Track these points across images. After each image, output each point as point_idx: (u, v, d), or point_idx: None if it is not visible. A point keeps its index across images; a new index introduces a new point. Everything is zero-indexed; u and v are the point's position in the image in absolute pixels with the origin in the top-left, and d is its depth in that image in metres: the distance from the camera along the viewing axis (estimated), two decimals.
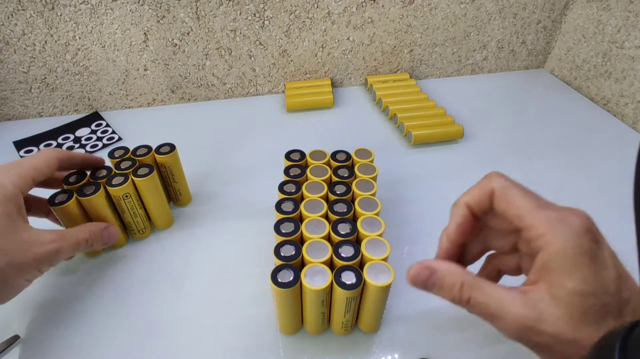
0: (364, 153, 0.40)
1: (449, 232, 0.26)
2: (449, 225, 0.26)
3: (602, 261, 0.21)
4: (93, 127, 0.59)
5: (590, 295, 0.20)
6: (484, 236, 0.27)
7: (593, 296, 0.20)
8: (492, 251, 0.28)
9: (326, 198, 0.36)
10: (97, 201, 0.36)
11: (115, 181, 0.37)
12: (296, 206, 0.34)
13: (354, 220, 0.33)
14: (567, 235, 0.21)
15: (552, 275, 0.21)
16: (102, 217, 0.37)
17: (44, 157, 0.33)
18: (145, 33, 0.56)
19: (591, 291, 0.20)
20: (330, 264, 0.30)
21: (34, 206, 0.37)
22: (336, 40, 0.63)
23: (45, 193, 0.36)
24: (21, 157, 0.53)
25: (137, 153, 0.40)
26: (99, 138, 0.56)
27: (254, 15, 0.58)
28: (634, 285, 0.21)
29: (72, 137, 0.57)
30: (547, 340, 0.20)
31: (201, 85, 0.63)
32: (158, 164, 0.41)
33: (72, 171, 0.38)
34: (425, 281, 0.24)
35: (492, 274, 0.28)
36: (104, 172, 0.38)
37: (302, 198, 0.36)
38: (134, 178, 0.38)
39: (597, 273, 0.20)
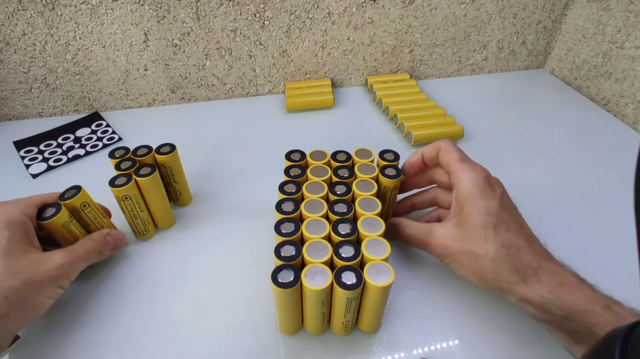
0: (364, 153, 0.40)
1: (404, 165, 0.39)
2: (406, 161, 0.39)
3: (491, 195, 0.32)
4: (93, 127, 0.59)
5: (476, 214, 0.31)
6: (433, 191, 0.39)
7: (479, 215, 0.31)
8: (435, 207, 0.40)
9: (326, 199, 0.36)
10: (56, 222, 0.34)
11: (118, 181, 0.37)
12: (296, 207, 0.34)
13: (354, 220, 0.33)
14: (470, 178, 0.33)
15: (458, 205, 0.33)
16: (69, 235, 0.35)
17: (49, 193, 0.35)
18: (145, 33, 0.56)
19: (478, 211, 0.31)
20: (330, 264, 0.30)
21: (47, 240, 0.36)
22: (336, 41, 0.63)
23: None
24: (21, 157, 0.53)
25: (138, 154, 0.40)
26: (99, 139, 0.56)
27: (254, 15, 0.58)
28: (511, 212, 0.33)
29: (72, 137, 0.57)
30: (451, 252, 0.33)
31: (201, 85, 0.63)
32: (158, 164, 0.41)
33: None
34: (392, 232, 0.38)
35: (433, 220, 0.39)
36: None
37: (303, 199, 0.36)
38: (136, 177, 0.38)
39: (485, 201, 0.31)
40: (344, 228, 0.32)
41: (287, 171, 0.38)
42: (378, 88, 0.65)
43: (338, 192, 0.36)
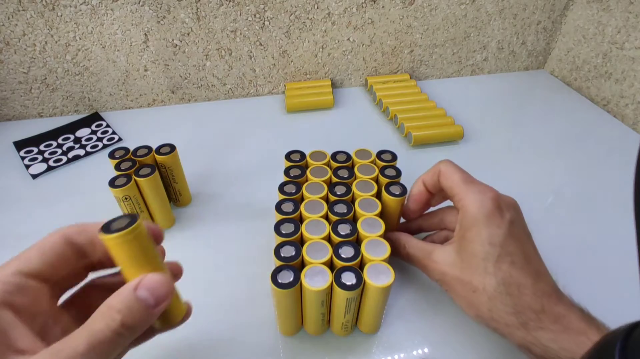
0: (364, 153, 0.40)
1: (409, 201, 0.36)
2: (409, 195, 0.36)
3: (497, 221, 0.28)
4: (93, 127, 0.59)
5: (478, 243, 0.28)
6: (442, 213, 0.36)
7: (480, 245, 0.28)
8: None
9: (326, 199, 0.36)
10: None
11: (118, 182, 0.37)
12: (296, 207, 0.34)
13: (354, 221, 0.33)
14: (476, 201, 0.29)
15: (461, 230, 0.30)
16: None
17: (43, 240, 0.21)
18: (145, 34, 0.56)
19: (480, 241, 0.28)
20: (330, 265, 0.30)
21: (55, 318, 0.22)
22: (336, 41, 0.63)
23: None
24: (22, 157, 0.53)
25: (138, 154, 0.40)
26: (99, 139, 0.56)
27: (254, 16, 0.58)
28: (520, 244, 0.29)
29: (72, 137, 0.57)
30: (447, 279, 0.30)
31: (201, 85, 0.63)
32: (158, 165, 0.41)
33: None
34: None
35: (440, 240, 0.36)
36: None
37: (302, 199, 0.36)
38: (136, 178, 0.38)
39: (489, 229, 0.28)
40: (344, 229, 0.32)
41: (287, 171, 0.38)
42: (378, 89, 0.65)
43: (338, 193, 0.36)
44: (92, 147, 0.55)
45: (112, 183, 0.37)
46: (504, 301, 0.27)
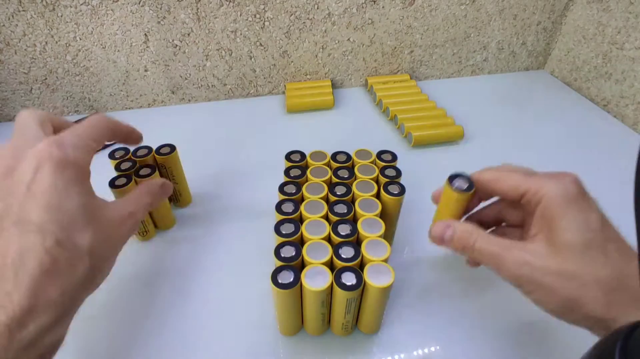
0: (364, 154, 0.40)
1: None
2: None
3: (588, 205, 0.26)
4: None
5: (574, 232, 0.24)
6: (497, 206, 0.33)
7: (578, 232, 0.24)
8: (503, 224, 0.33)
9: (326, 199, 0.36)
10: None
11: (118, 182, 0.37)
12: (296, 207, 0.34)
13: (354, 221, 0.33)
14: (560, 188, 0.26)
15: (546, 222, 0.26)
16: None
17: (96, 126, 0.29)
18: (145, 34, 0.56)
19: (576, 228, 0.25)
20: (330, 265, 0.30)
21: None
22: (336, 41, 0.63)
23: None
24: None
25: (138, 154, 0.40)
26: None
27: (255, 16, 0.58)
28: (615, 230, 0.26)
29: None
30: (538, 274, 0.25)
31: (201, 86, 0.63)
32: (158, 165, 0.41)
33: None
34: (442, 234, 0.30)
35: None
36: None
37: (303, 199, 0.36)
38: (136, 178, 0.38)
39: (583, 214, 0.25)
40: (344, 229, 0.32)
41: (287, 172, 0.38)
42: (378, 89, 0.65)
43: (338, 193, 0.36)
44: None
45: (113, 183, 0.37)
46: (624, 294, 0.23)
